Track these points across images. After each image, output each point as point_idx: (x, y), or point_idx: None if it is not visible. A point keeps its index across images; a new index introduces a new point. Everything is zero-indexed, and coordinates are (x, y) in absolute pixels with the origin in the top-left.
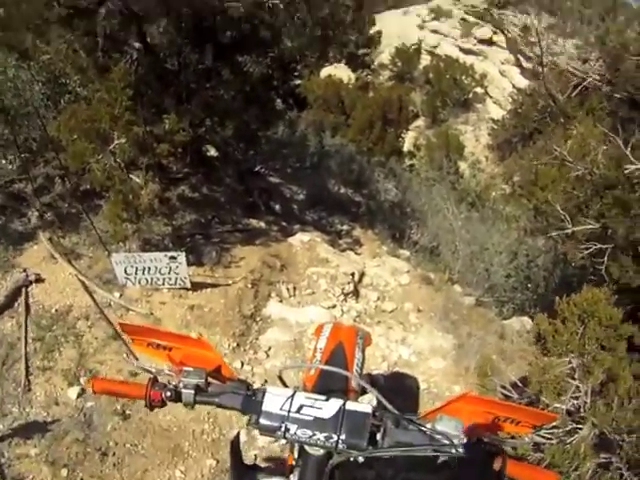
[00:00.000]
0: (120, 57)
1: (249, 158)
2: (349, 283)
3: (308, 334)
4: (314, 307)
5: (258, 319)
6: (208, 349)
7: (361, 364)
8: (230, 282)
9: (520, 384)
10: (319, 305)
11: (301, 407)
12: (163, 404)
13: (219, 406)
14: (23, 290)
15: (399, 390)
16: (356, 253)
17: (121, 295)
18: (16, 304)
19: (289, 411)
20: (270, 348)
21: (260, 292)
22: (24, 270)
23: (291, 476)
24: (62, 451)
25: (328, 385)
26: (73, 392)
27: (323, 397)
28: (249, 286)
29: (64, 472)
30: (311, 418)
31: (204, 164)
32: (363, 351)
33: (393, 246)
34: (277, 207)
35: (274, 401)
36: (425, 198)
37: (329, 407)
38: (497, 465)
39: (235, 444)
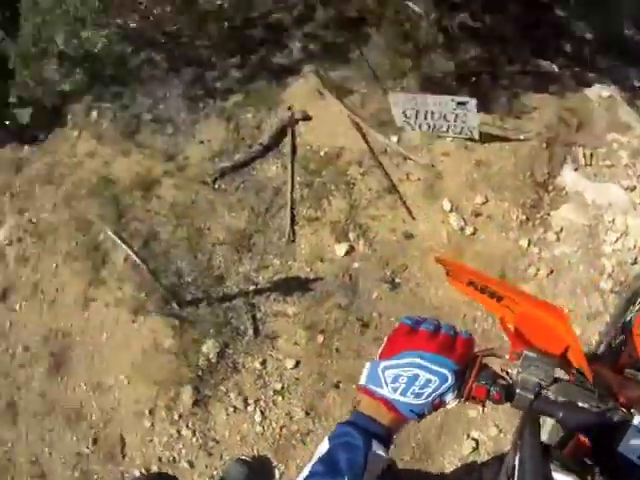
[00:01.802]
0: None
1: None
2: None
3: (605, 221)
4: (612, 185)
5: (551, 189)
6: (560, 320)
7: None
8: (522, 137)
9: None
10: (618, 183)
11: None
12: (483, 403)
13: (559, 422)
14: (289, 130)
15: None
16: None
17: (399, 140)
18: (281, 145)
19: None
20: (562, 229)
21: (555, 155)
22: (289, 107)
23: None
24: (321, 315)
25: None
26: (341, 249)
27: None
28: (543, 145)
29: (320, 338)
30: None
31: None
32: None
33: None
34: (568, 47)
35: None
36: None
37: None
38: None
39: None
